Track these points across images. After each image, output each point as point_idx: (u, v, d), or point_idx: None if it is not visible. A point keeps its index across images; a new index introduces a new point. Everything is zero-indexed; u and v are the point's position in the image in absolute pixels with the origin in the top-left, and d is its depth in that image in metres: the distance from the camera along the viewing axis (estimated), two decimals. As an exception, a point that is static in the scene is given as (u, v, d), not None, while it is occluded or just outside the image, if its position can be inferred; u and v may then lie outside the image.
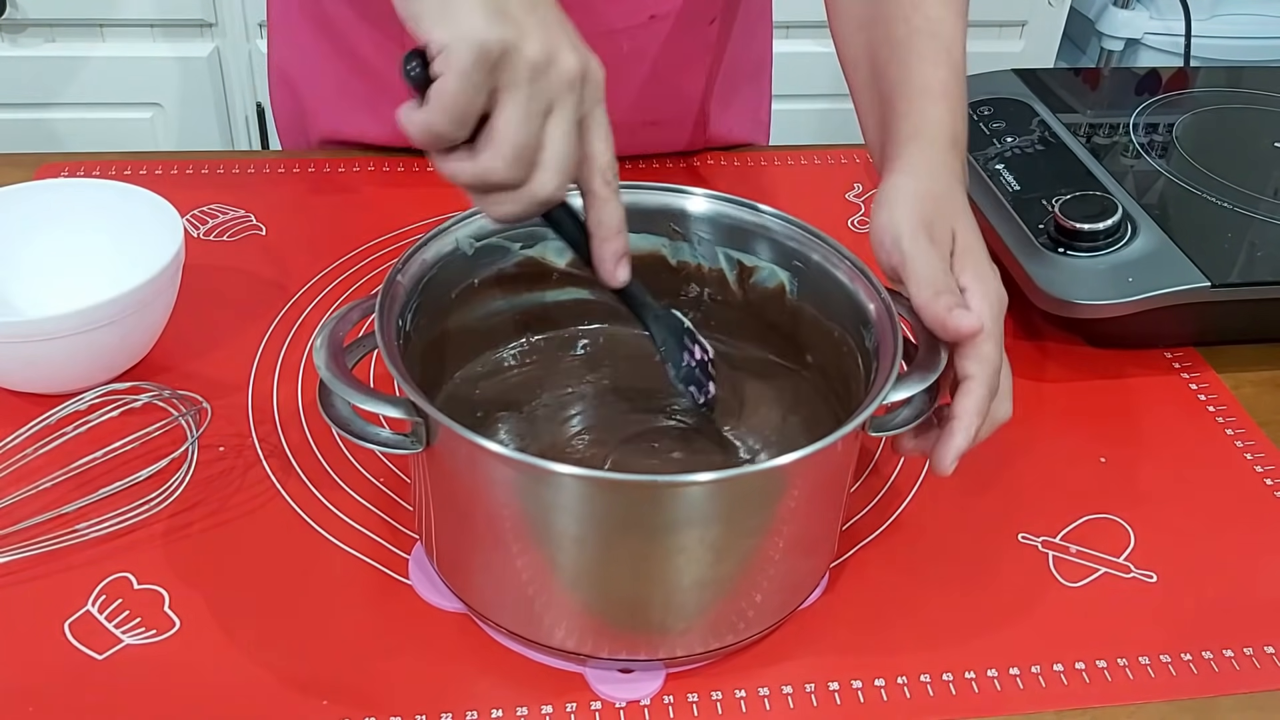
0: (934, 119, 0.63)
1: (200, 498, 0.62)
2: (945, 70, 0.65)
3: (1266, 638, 0.58)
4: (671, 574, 0.51)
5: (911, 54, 0.65)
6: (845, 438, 0.49)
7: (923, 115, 0.63)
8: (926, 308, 0.55)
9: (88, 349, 0.65)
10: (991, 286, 0.57)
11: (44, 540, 0.58)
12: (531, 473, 0.48)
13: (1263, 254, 0.76)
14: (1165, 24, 1.78)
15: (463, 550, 0.54)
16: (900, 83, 0.65)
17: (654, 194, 0.63)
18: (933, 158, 0.61)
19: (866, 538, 0.63)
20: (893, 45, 0.66)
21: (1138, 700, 0.55)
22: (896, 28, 0.66)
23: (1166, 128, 0.90)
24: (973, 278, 0.57)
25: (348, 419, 0.51)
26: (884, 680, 0.55)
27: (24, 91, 1.60)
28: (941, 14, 0.66)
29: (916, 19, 0.66)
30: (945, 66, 0.65)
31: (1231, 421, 0.72)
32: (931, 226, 0.58)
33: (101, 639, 0.55)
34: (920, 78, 0.64)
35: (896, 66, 0.66)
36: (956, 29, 0.67)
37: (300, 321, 0.76)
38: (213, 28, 1.60)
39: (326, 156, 0.93)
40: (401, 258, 0.56)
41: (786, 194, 0.93)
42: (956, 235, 0.58)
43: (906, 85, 0.65)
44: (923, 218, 0.58)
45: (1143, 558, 0.62)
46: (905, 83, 0.65)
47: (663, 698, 0.54)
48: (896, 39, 0.66)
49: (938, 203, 0.59)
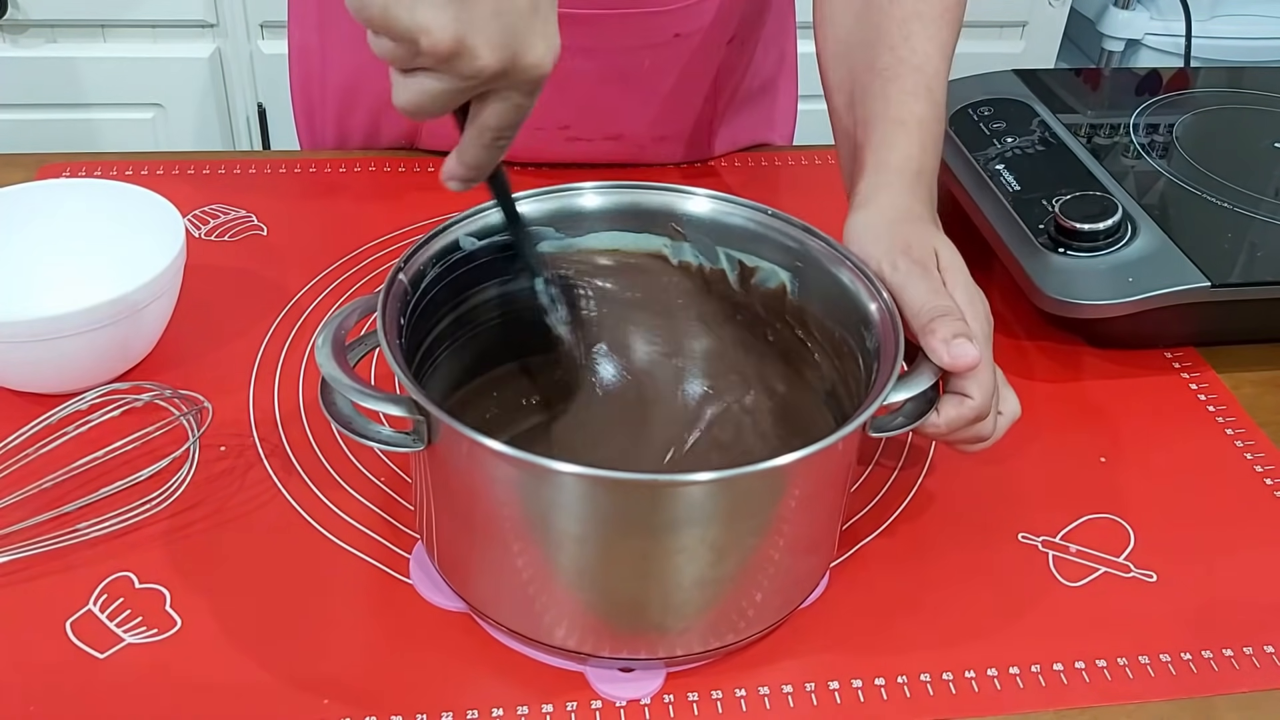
0: (903, 152, 0.63)
1: (201, 497, 0.62)
2: (924, 105, 0.65)
3: (1266, 637, 0.58)
4: (672, 573, 0.51)
5: (892, 84, 0.65)
6: (846, 438, 0.49)
7: (892, 147, 0.63)
8: (924, 336, 0.54)
9: (89, 349, 0.65)
10: (980, 308, 0.57)
11: (45, 540, 0.58)
12: (532, 471, 0.48)
13: (1263, 254, 0.76)
14: (1166, 24, 1.78)
15: (463, 549, 0.54)
16: (877, 113, 0.65)
17: (655, 194, 0.63)
18: (899, 190, 0.61)
19: (867, 537, 0.63)
20: (874, 73, 0.66)
21: (1137, 700, 0.55)
22: (881, 56, 0.66)
23: (1166, 128, 0.90)
24: (964, 300, 0.57)
25: (349, 417, 0.51)
26: (884, 679, 0.55)
27: (25, 92, 1.60)
28: (927, 50, 0.66)
29: (902, 50, 0.66)
30: (925, 101, 0.65)
31: (1231, 421, 0.72)
32: (910, 249, 0.58)
33: (103, 638, 0.55)
34: (898, 109, 0.64)
35: (876, 96, 0.66)
36: (940, 67, 0.67)
37: (301, 321, 0.76)
38: (214, 28, 1.60)
39: (327, 157, 0.93)
40: (403, 256, 0.56)
41: (789, 194, 0.93)
42: (939, 254, 0.58)
43: (883, 116, 0.65)
44: (897, 244, 0.58)
45: (1142, 557, 0.63)
46: (882, 113, 0.65)
47: (663, 697, 0.54)
48: (879, 68, 0.66)
49: (908, 228, 0.59)
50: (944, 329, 0.54)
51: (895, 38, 0.67)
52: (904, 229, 0.59)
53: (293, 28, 0.96)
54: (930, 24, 0.67)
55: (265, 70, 1.63)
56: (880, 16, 0.68)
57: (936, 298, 0.55)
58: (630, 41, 0.84)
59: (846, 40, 0.70)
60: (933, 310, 0.55)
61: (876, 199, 0.61)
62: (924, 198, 0.62)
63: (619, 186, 0.63)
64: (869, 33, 0.68)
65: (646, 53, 0.85)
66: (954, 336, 0.54)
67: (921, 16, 0.67)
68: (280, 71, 1.43)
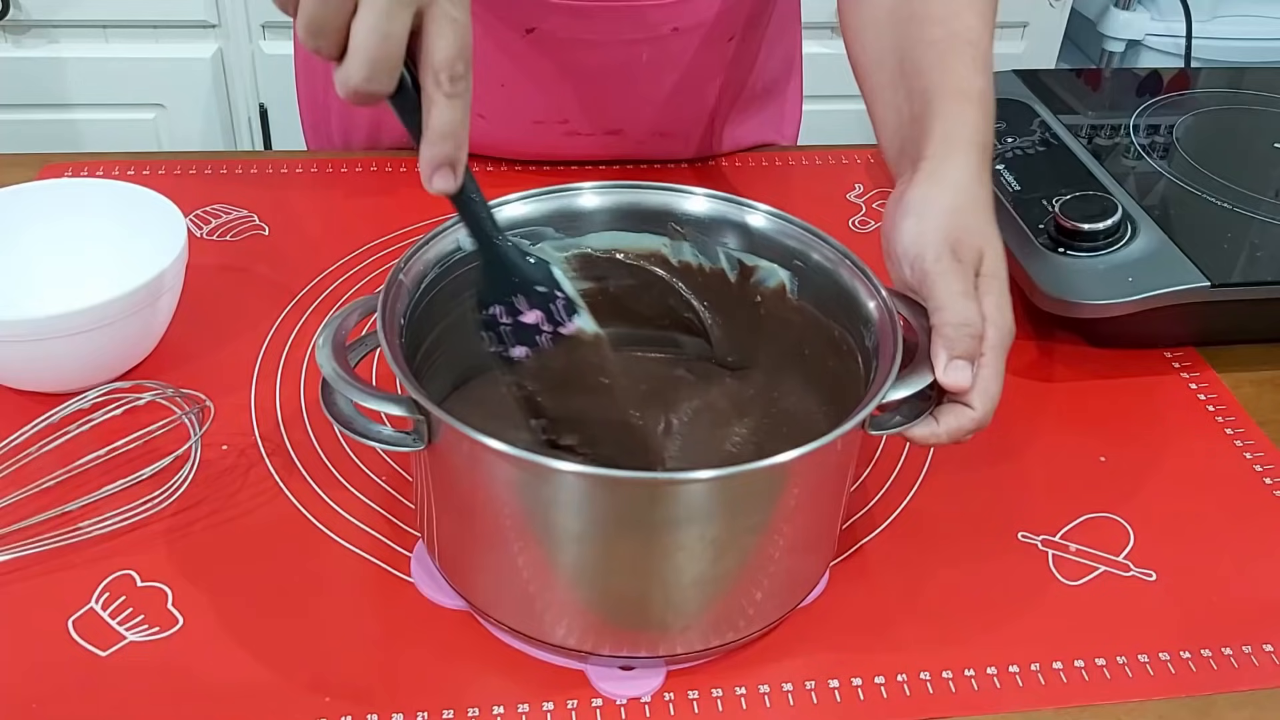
0: (971, 123, 0.62)
1: (203, 496, 0.62)
2: (983, 79, 0.64)
3: (1265, 636, 0.59)
4: (672, 571, 0.51)
5: (950, 56, 0.65)
6: (845, 436, 0.49)
7: (961, 118, 0.62)
8: (939, 339, 0.54)
9: (91, 348, 0.65)
10: (1004, 320, 0.56)
11: (47, 538, 0.58)
12: (532, 469, 0.48)
13: (1262, 254, 0.76)
14: (1166, 25, 1.78)
15: (464, 547, 0.54)
16: (938, 84, 0.64)
17: (655, 194, 0.63)
18: (966, 165, 0.61)
19: (866, 536, 0.63)
20: (929, 45, 0.66)
21: (1136, 698, 0.55)
22: (933, 29, 0.66)
23: (1166, 128, 0.90)
24: (993, 308, 0.56)
25: (350, 417, 0.51)
26: (884, 678, 0.56)
27: (27, 92, 1.61)
28: (978, 26, 0.66)
29: (956, 24, 0.66)
30: (983, 75, 0.65)
31: (1231, 421, 0.72)
32: (959, 245, 0.57)
33: (105, 636, 0.55)
34: (960, 80, 0.64)
35: (934, 68, 0.65)
36: (989, 43, 0.67)
37: (303, 321, 0.76)
38: (215, 29, 1.60)
39: (329, 157, 0.93)
40: (403, 257, 0.56)
41: (788, 194, 0.93)
42: (984, 257, 0.58)
43: (944, 87, 0.64)
44: (949, 234, 0.57)
45: (1142, 556, 0.63)
46: (943, 84, 0.64)
47: (663, 695, 0.54)
48: (932, 40, 0.66)
49: (966, 219, 0.58)
50: (952, 345, 0.54)
51: (944, 10, 0.66)
52: (958, 220, 0.58)
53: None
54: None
55: (267, 71, 1.64)
56: None
57: (962, 301, 0.55)
58: (627, 35, 0.84)
59: (891, 14, 0.69)
60: (953, 315, 0.54)
61: (944, 172, 0.60)
62: (986, 177, 0.62)
63: (618, 186, 0.63)
64: (914, 6, 0.68)
65: (644, 47, 0.85)
66: (955, 358, 0.54)
67: None
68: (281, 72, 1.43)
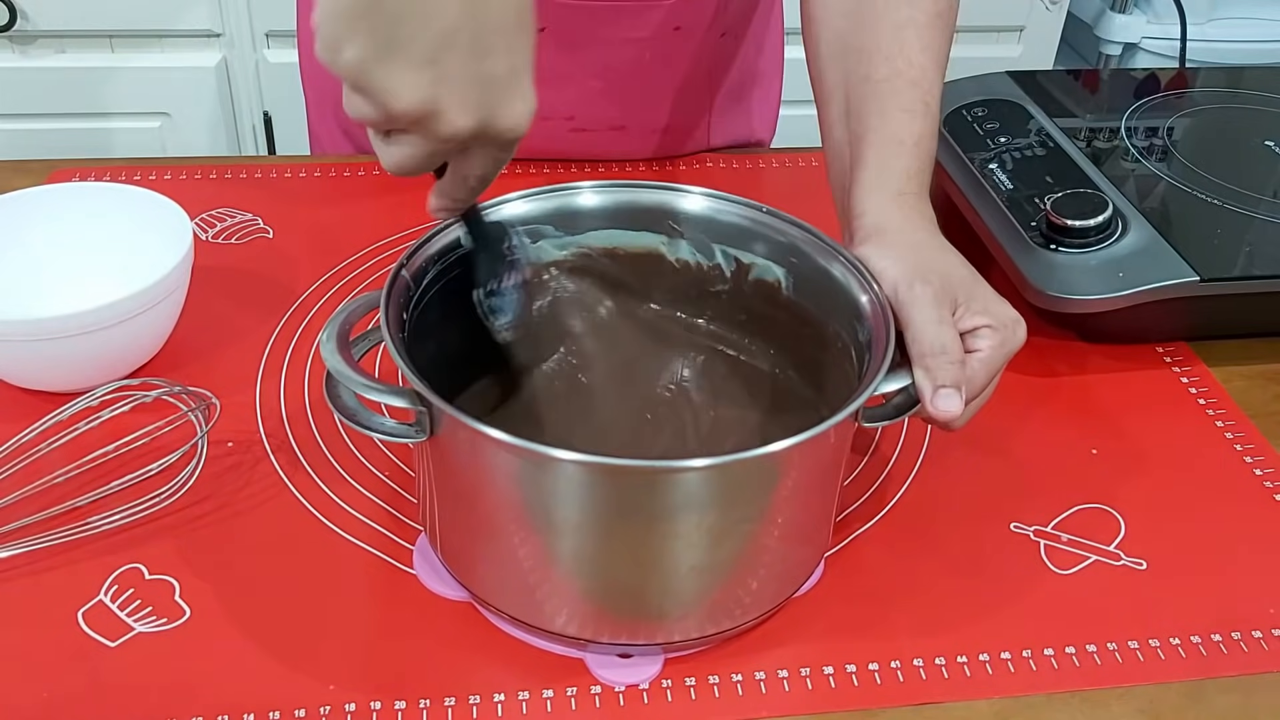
0: (905, 171, 0.63)
1: (209, 491, 0.64)
2: (922, 123, 0.64)
3: (1253, 623, 0.59)
4: (669, 560, 0.52)
5: (890, 101, 0.64)
6: (838, 426, 0.50)
7: (893, 171, 0.63)
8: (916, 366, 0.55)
9: (99, 347, 0.66)
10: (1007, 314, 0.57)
11: (57, 533, 0.60)
12: (532, 458, 0.49)
13: (1251, 249, 0.77)
14: (1163, 28, 1.78)
15: (465, 538, 0.56)
16: (875, 130, 0.64)
17: (652, 192, 0.64)
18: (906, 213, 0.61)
19: (861, 527, 0.64)
20: (872, 86, 0.65)
21: (1127, 683, 0.56)
22: (878, 67, 0.65)
23: (1156, 127, 0.91)
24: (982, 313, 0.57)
25: (353, 409, 0.53)
26: (878, 665, 0.56)
27: (34, 102, 1.62)
28: (924, 62, 0.65)
29: (899, 62, 0.65)
30: (923, 119, 0.64)
31: (1221, 414, 0.73)
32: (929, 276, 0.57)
33: (114, 627, 0.56)
34: (897, 127, 0.64)
35: (873, 112, 0.65)
36: (935, 80, 0.66)
37: (306, 321, 0.77)
38: (220, 38, 1.62)
39: (332, 161, 0.94)
40: (406, 254, 0.58)
41: (783, 194, 0.94)
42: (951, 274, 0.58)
43: (881, 133, 0.64)
44: (920, 271, 0.57)
45: (1133, 546, 0.64)
46: (880, 130, 0.64)
47: (661, 682, 0.55)
48: (876, 79, 0.65)
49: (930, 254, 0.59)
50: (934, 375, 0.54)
51: (890, 47, 0.66)
52: (923, 256, 0.58)
53: (303, 35, 0.98)
54: (924, 31, 0.66)
55: (271, 79, 1.65)
56: (873, 18, 0.67)
57: (936, 329, 0.55)
58: (632, 34, 0.85)
59: (840, 43, 0.69)
60: (931, 343, 0.55)
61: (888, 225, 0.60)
62: (929, 215, 0.62)
63: (617, 185, 0.64)
64: (863, 37, 0.67)
65: (649, 45, 0.87)
66: (940, 387, 0.54)
67: (915, 23, 0.66)
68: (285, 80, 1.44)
